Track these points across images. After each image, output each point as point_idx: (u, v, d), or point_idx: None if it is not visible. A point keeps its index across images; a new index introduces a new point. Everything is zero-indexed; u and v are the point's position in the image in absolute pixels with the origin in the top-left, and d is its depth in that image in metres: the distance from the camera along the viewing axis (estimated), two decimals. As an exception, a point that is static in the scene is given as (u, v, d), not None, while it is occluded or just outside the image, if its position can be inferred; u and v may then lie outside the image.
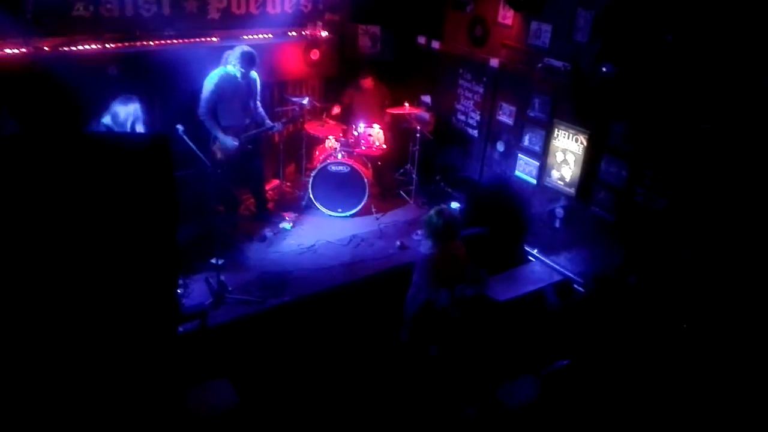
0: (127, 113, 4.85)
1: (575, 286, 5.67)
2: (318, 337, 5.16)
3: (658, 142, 4.95)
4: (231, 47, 5.78)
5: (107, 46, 5.45)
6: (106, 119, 4.97)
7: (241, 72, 5.66)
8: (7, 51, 4.96)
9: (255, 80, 5.93)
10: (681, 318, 4.44)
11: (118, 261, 3.39)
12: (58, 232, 3.18)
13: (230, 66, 5.67)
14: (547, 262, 5.98)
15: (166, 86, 5.75)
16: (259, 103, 6.08)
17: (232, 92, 5.72)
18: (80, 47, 5.32)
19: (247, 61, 5.62)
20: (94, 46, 5.38)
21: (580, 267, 5.71)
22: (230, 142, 5.71)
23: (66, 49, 5.26)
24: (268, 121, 6.10)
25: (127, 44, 5.58)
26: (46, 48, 5.18)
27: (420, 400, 4.45)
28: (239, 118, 5.83)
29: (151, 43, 5.71)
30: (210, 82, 5.63)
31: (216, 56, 5.81)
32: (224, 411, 4.10)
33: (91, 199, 3.22)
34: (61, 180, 3.13)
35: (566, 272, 5.79)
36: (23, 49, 5.03)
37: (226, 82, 5.67)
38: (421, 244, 4.56)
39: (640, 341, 4.32)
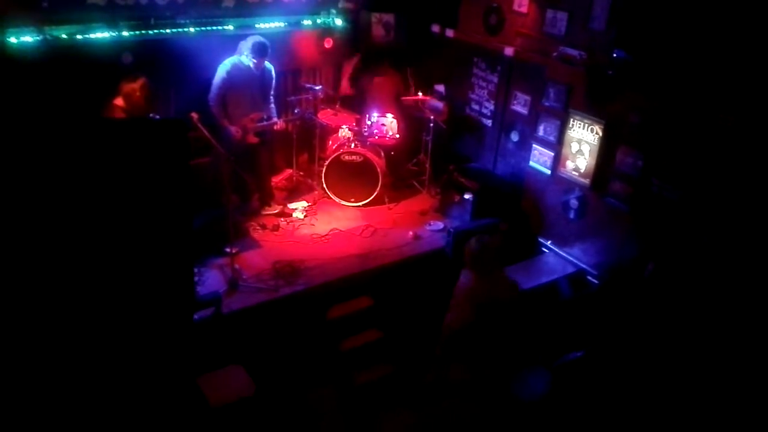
0: (133, 90, 5.01)
1: (589, 277, 5.65)
2: (330, 325, 5.19)
3: (675, 132, 4.89)
4: (245, 36, 5.78)
5: (122, 33, 5.46)
6: (118, 100, 5.01)
7: (254, 62, 5.65)
8: (25, 39, 4.98)
9: (270, 71, 5.91)
10: (698, 309, 4.40)
11: (135, 248, 3.42)
12: (75, 218, 3.21)
13: (243, 56, 5.67)
14: (561, 253, 5.95)
15: (180, 74, 5.77)
16: (272, 98, 6.05)
17: (242, 82, 5.71)
18: (96, 35, 5.34)
19: (259, 50, 5.61)
20: (109, 34, 5.39)
21: (595, 258, 5.67)
22: (233, 131, 5.71)
23: (81, 36, 5.27)
24: (274, 117, 6.08)
25: (142, 32, 5.58)
26: (62, 36, 5.20)
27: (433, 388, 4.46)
28: (246, 108, 5.82)
29: (166, 31, 5.71)
30: (222, 69, 5.63)
31: (230, 45, 5.81)
32: (240, 397, 4.14)
33: (107, 185, 3.24)
34: (78, 166, 3.15)
35: (580, 264, 5.76)
36: (39, 37, 5.06)
37: (238, 71, 5.67)
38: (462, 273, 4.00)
39: (655, 333, 4.29)
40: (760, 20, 4.29)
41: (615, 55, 5.11)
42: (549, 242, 6.10)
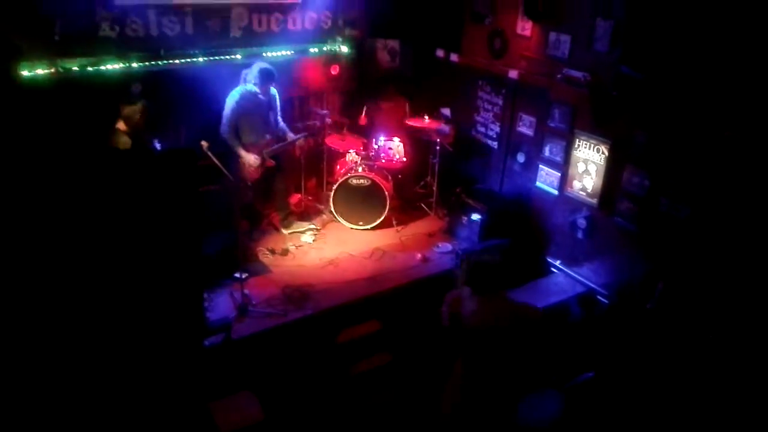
0: (134, 111, 5.05)
1: (599, 297, 5.62)
2: (341, 350, 5.19)
3: (681, 151, 4.91)
4: (250, 65, 5.89)
5: (132, 65, 5.58)
6: (120, 124, 5.08)
7: (260, 89, 5.75)
8: (38, 71, 5.11)
9: (274, 96, 6.03)
10: (708, 329, 4.37)
11: (146, 275, 3.47)
12: (87, 247, 3.27)
13: (249, 84, 5.77)
14: (570, 273, 5.94)
15: (190, 103, 5.87)
16: (280, 118, 6.16)
17: (252, 109, 5.81)
18: (106, 67, 5.46)
19: (266, 77, 5.72)
20: (119, 66, 5.52)
21: (604, 278, 5.65)
22: (252, 159, 5.80)
23: (92, 69, 5.40)
24: (290, 134, 6.18)
25: (151, 63, 5.70)
26: (74, 68, 5.32)
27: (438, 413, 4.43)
28: (261, 134, 5.93)
29: (176, 61, 5.84)
30: (231, 100, 5.73)
31: (239, 73, 5.92)
32: (249, 424, 4.13)
33: (118, 214, 3.31)
34: (90, 196, 3.22)
35: (590, 283, 5.74)
36: (52, 70, 5.18)
37: (247, 100, 5.77)
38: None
39: (666, 354, 4.26)
40: (763, 34, 4.32)
41: (623, 71, 5.14)
42: (558, 262, 6.09)
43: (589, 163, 5.71)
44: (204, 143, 5.14)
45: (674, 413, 3.94)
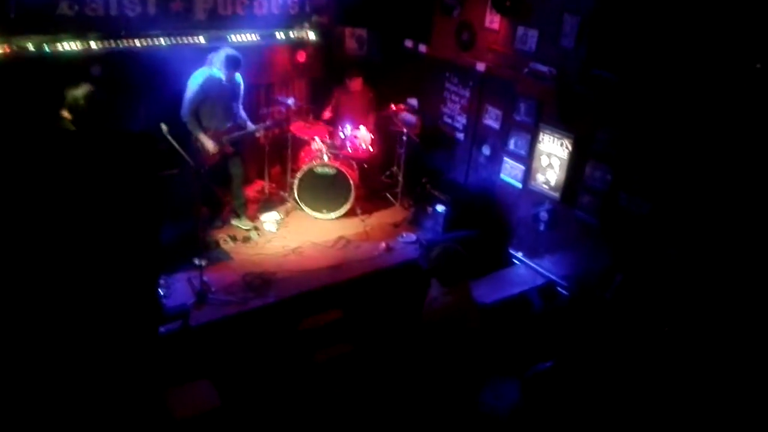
0: (78, 96, 4.49)
1: (559, 289, 5.70)
2: (301, 338, 5.14)
3: (642, 147, 4.99)
4: (217, 48, 5.77)
5: (91, 45, 5.41)
6: (64, 111, 4.77)
7: (226, 75, 5.64)
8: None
9: (239, 83, 5.91)
10: (664, 320, 4.47)
11: (100, 259, 3.37)
12: (39, 229, 3.16)
13: (215, 68, 5.65)
14: (532, 265, 6.01)
15: (150, 86, 5.71)
16: (240, 106, 6.05)
17: (215, 94, 5.69)
18: (64, 46, 5.28)
19: (232, 64, 5.61)
20: (78, 46, 5.34)
21: (565, 270, 5.73)
22: (211, 144, 5.68)
23: (50, 48, 5.21)
24: (250, 124, 6.06)
25: (111, 44, 5.53)
26: (29, 47, 5.13)
27: (404, 399, 4.44)
28: (221, 120, 5.80)
29: (137, 42, 5.68)
30: (194, 83, 5.60)
31: (202, 56, 5.79)
32: (205, 412, 4.07)
33: (72, 196, 3.20)
34: (42, 177, 3.11)
35: (550, 275, 5.81)
36: (6, 48, 4.98)
37: (211, 83, 5.64)
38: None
39: (624, 344, 4.34)
40: (724, 30, 4.41)
41: (594, 72, 5.20)
42: (520, 254, 6.16)
43: (552, 157, 5.77)
44: (164, 126, 5.01)
45: (629, 401, 4.02)
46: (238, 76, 5.85)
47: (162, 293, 4.82)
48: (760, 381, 3.95)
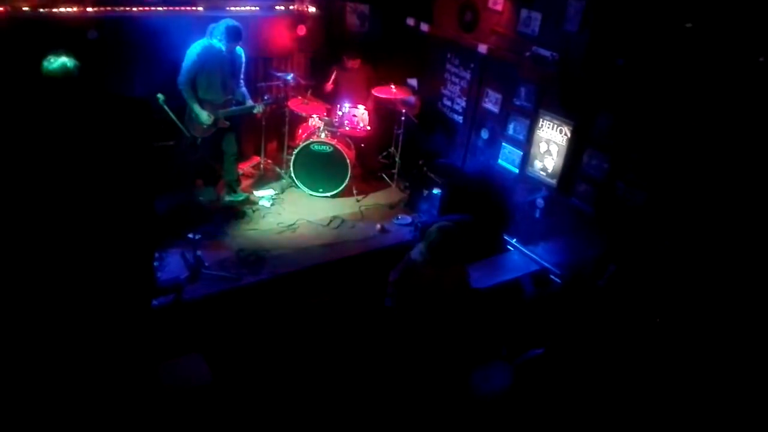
0: (56, 71, 3.86)
1: (552, 276, 5.72)
2: (294, 316, 5.13)
3: (641, 137, 4.98)
4: (216, 18, 5.66)
5: (88, 9, 5.28)
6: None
7: (226, 47, 5.53)
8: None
9: (240, 56, 5.80)
10: (656, 311, 4.50)
11: (93, 230, 3.32)
12: (30, 197, 3.09)
13: (215, 39, 5.55)
14: (526, 251, 6.02)
15: (147, 54, 5.61)
16: (242, 81, 5.95)
17: (213, 66, 5.59)
18: (60, 9, 5.15)
19: (233, 36, 5.50)
20: (74, 9, 5.21)
21: (558, 258, 5.75)
22: (205, 116, 5.59)
23: (45, 10, 5.08)
24: (249, 101, 5.97)
25: (108, 9, 5.40)
26: (24, 8, 5.00)
27: (395, 381, 4.46)
28: (218, 93, 5.70)
29: (134, 9, 5.55)
30: (193, 52, 5.49)
31: (200, 26, 5.66)
32: (197, 386, 4.06)
33: (65, 159, 3.12)
34: (34, 141, 3.03)
35: (544, 262, 5.83)
36: (1, 9, 4.85)
37: (210, 54, 5.54)
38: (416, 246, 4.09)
39: (615, 332, 4.37)
40: (729, 20, 4.38)
41: (619, 63, 5.14)
42: (514, 240, 6.16)
43: (551, 144, 5.74)
44: (160, 96, 4.92)
45: (619, 389, 4.06)
46: (240, 50, 5.74)
47: (155, 266, 4.78)
48: (750, 373, 4.00)
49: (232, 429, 4.02)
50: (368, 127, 6.71)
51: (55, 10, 5.13)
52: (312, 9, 6.79)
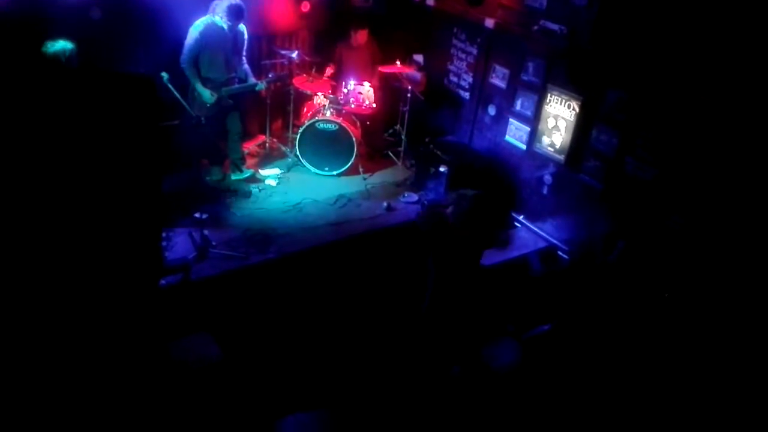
0: (57, 54, 4.28)
1: (560, 253, 5.70)
2: (301, 295, 5.14)
3: (651, 112, 4.91)
4: (219, -6, 5.58)
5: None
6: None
7: (228, 25, 5.47)
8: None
9: (242, 33, 5.74)
10: (664, 287, 4.48)
11: (100, 210, 3.31)
12: (37, 177, 3.08)
13: (217, 17, 5.48)
14: (533, 228, 5.99)
15: (150, 32, 5.54)
16: (244, 59, 5.89)
17: (216, 44, 5.53)
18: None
19: (235, 14, 5.43)
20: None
21: (566, 234, 5.72)
22: (208, 95, 5.55)
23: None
24: (252, 78, 5.91)
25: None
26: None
27: (404, 359, 4.47)
28: (221, 71, 5.66)
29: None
30: (195, 30, 5.44)
31: (203, 4, 5.59)
32: (207, 364, 4.09)
33: (70, 143, 3.10)
34: (40, 119, 3.01)
35: (552, 239, 5.80)
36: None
37: (212, 32, 5.48)
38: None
39: (623, 308, 4.36)
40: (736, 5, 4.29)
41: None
42: (522, 217, 6.13)
43: (559, 119, 5.68)
44: (164, 74, 4.87)
45: (625, 365, 4.06)
46: (242, 27, 5.67)
47: (163, 245, 4.78)
48: (758, 352, 3.99)
49: (242, 406, 4.05)
50: (374, 105, 6.65)
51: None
52: (316, -16, 6.69)
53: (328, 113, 6.34)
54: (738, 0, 4.29)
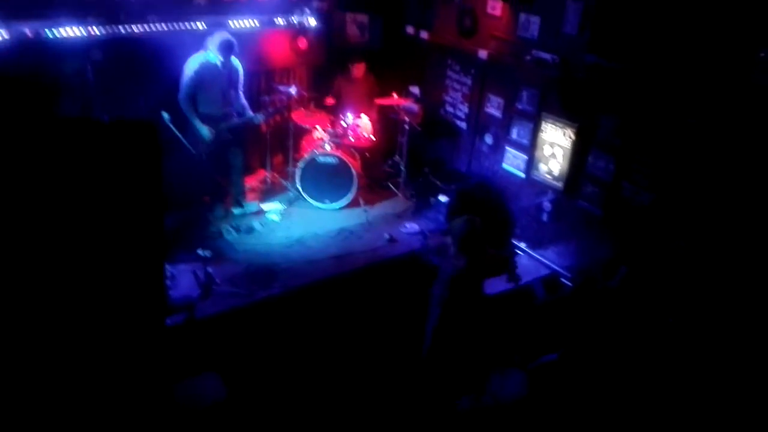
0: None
1: (563, 280, 5.70)
2: (307, 329, 5.13)
3: (645, 137, 4.98)
4: (212, 32, 5.68)
5: (91, 30, 5.31)
6: None
7: (221, 60, 5.56)
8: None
9: (237, 69, 5.82)
10: (668, 312, 4.49)
11: (105, 251, 3.32)
12: (42, 220, 3.10)
13: (210, 53, 5.57)
14: (535, 255, 6.00)
15: (150, 73, 5.64)
16: (241, 93, 5.97)
17: (211, 79, 5.61)
18: (63, 31, 5.18)
19: (226, 48, 5.52)
20: (77, 31, 5.24)
21: (568, 261, 5.74)
22: (206, 131, 5.61)
23: (49, 33, 5.11)
24: (249, 112, 5.99)
25: (111, 29, 5.43)
26: (27, 33, 5.03)
27: (411, 393, 4.45)
28: (218, 106, 5.73)
29: (136, 28, 5.58)
30: (189, 68, 5.52)
31: (202, 38, 5.70)
32: (212, 404, 4.06)
33: (75, 186, 3.14)
34: (45, 167, 3.04)
35: (554, 266, 5.81)
36: (4, 34, 4.88)
37: (206, 68, 5.56)
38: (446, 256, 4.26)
39: (628, 335, 4.36)
40: (730, 25, 4.38)
41: (587, 60, 5.18)
42: (523, 244, 6.15)
43: (555, 146, 5.75)
44: (165, 114, 4.94)
45: (634, 392, 4.04)
46: (236, 61, 5.76)
47: (167, 284, 4.78)
48: (763, 374, 3.98)
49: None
50: (372, 137, 6.72)
51: (58, 33, 5.16)
52: (312, 21, 6.81)
53: (327, 147, 6.41)
54: (727, 24, 4.39)
